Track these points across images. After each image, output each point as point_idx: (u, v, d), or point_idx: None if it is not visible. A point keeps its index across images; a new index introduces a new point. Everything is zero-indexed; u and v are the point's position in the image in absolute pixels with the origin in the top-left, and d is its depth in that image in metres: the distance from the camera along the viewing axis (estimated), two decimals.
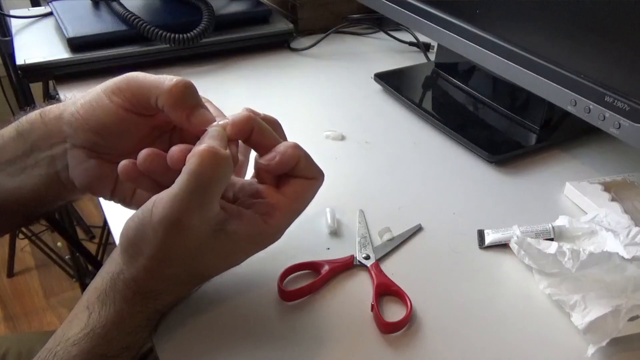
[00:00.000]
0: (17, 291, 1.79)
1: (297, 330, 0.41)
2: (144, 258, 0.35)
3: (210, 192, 0.34)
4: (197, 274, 0.39)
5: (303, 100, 0.74)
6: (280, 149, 0.39)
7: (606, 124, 0.48)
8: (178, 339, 0.40)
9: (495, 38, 0.58)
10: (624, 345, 0.40)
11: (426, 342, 0.40)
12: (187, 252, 0.35)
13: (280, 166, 0.39)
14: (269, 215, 0.38)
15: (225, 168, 0.35)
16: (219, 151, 0.34)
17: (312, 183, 0.40)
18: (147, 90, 0.39)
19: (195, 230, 0.34)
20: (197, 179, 0.33)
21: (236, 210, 0.38)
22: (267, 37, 0.86)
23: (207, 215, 0.35)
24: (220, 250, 0.37)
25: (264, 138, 0.39)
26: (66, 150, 0.41)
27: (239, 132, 0.38)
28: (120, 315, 0.36)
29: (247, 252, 0.40)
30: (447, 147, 0.64)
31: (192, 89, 0.39)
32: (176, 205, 0.33)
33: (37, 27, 0.87)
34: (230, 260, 0.39)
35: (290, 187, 0.39)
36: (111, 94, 0.39)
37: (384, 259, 0.48)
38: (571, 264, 0.41)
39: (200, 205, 0.34)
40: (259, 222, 0.38)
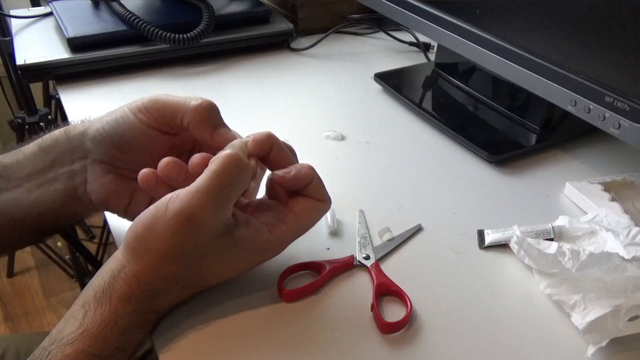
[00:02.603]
0: (17, 291, 1.79)
1: (297, 330, 0.41)
2: (149, 253, 0.36)
3: (228, 195, 0.36)
4: (197, 277, 0.39)
5: (303, 100, 0.74)
6: (297, 167, 0.41)
7: (606, 124, 0.48)
8: (178, 339, 0.40)
9: (495, 38, 0.58)
10: (624, 345, 0.40)
11: (426, 342, 0.40)
12: (193, 250, 0.36)
13: (294, 181, 0.40)
14: (275, 227, 0.40)
15: (245, 174, 0.37)
16: (242, 157, 0.37)
17: (320, 205, 0.42)
18: (173, 109, 0.41)
19: (207, 228, 0.36)
20: (219, 179, 0.35)
21: (245, 217, 0.39)
22: (267, 37, 0.87)
23: (220, 216, 0.36)
24: (224, 254, 0.38)
25: (281, 157, 0.41)
26: (86, 166, 0.43)
27: (259, 147, 0.40)
28: (116, 315, 0.36)
29: (248, 261, 0.40)
30: (447, 147, 0.64)
31: (215, 109, 0.42)
32: (194, 200, 0.35)
33: (37, 27, 0.87)
34: (231, 267, 0.40)
35: (299, 205, 0.41)
36: (137, 112, 0.42)
37: (384, 259, 0.48)
38: (571, 264, 0.41)
39: (216, 204, 0.35)
40: (264, 232, 0.39)
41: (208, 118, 0.41)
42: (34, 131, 1.46)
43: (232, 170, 0.36)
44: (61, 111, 0.83)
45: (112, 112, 0.43)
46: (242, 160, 0.37)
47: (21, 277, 1.84)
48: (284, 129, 0.66)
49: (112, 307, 0.36)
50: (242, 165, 0.37)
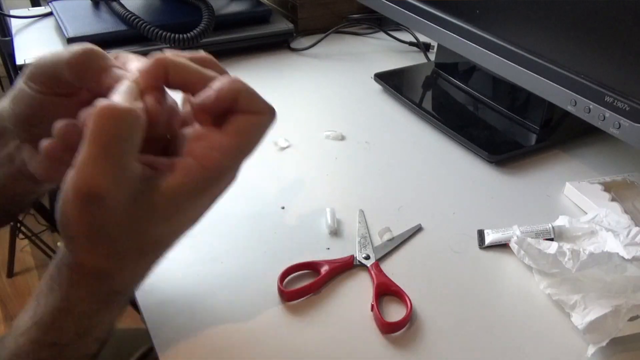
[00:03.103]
0: (17, 291, 1.79)
1: (297, 330, 0.41)
2: (75, 238, 0.32)
3: (118, 152, 0.30)
4: (143, 244, 0.35)
5: (303, 100, 0.74)
6: (216, 85, 0.34)
7: (606, 124, 0.48)
8: (178, 339, 0.40)
9: (495, 38, 0.58)
10: (624, 345, 0.40)
11: (426, 342, 0.40)
12: (117, 223, 0.32)
13: (217, 103, 0.34)
14: (208, 158, 0.33)
15: (129, 123, 0.31)
16: (116, 106, 0.30)
17: (258, 118, 0.35)
18: (53, 69, 0.36)
19: (115, 198, 0.30)
20: (98, 141, 0.30)
21: (167, 162, 0.33)
22: (267, 37, 0.86)
23: (123, 178, 0.31)
24: (157, 211, 0.33)
25: (187, 77, 0.34)
26: (18, 147, 0.40)
27: (149, 78, 0.34)
28: (68, 301, 0.34)
29: (194, 205, 0.35)
30: (447, 147, 0.64)
31: (93, 53, 0.35)
32: (82, 175, 0.30)
33: (37, 27, 0.87)
34: (178, 220, 0.35)
35: (232, 125, 0.34)
36: (28, 81, 0.37)
37: (384, 259, 0.48)
38: (571, 264, 0.41)
39: (109, 169, 0.30)
40: (195, 169, 0.33)
41: (87, 67, 0.35)
42: None
43: (108, 125, 0.30)
44: None
45: (12, 88, 0.39)
46: (115, 109, 0.30)
47: (21, 277, 1.84)
48: (284, 129, 0.66)
49: (63, 294, 0.34)
50: (117, 114, 0.30)
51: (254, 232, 0.50)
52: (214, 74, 0.35)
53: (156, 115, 0.34)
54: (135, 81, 0.34)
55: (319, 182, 0.58)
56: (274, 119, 0.36)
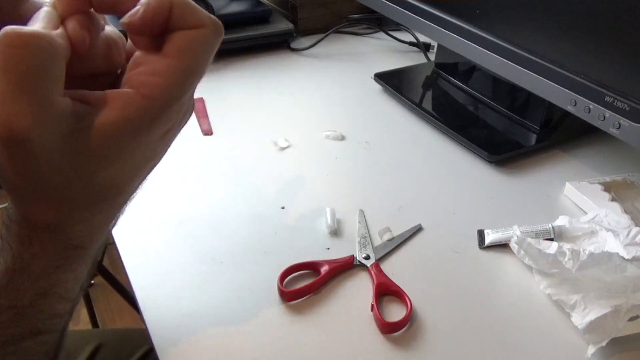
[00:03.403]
0: None
1: (297, 330, 0.41)
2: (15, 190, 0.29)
3: (35, 86, 0.26)
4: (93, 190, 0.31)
5: (303, 100, 0.74)
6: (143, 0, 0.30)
7: (606, 124, 0.48)
8: (178, 339, 0.40)
9: (495, 38, 0.58)
10: (624, 345, 0.40)
11: (426, 342, 0.40)
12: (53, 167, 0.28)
13: (146, 21, 0.29)
14: (150, 86, 0.29)
15: (42, 50, 0.26)
16: (23, 32, 0.26)
17: (200, 32, 0.30)
18: None
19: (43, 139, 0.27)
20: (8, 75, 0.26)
21: (101, 95, 0.29)
22: (267, 37, 0.86)
23: (47, 115, 0.27)
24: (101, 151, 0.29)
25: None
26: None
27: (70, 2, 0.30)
28: (21, 260, 0.31)
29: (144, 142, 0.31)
30: (447, 147, 0.64)
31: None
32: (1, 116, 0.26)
33: None
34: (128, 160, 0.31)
35: (170, 44, 0.30)
36: None
37: (384, 259, 0.48)
38: (571, 264, 0.41)
39: (27, 106, 0.26)
40: (134, 100, 0.29)
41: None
42: None
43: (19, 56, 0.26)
44: None
45: None
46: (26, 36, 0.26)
47: None
48: (284, 129, 0.66)
49: (15, 252, 0.31)
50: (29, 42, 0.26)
51: (254, 232, 0.50)
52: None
53: (82, 42, 0.29)
54: (53, 5, 0.30)
55: (319, 182, 0.58)
56: (219, 32, 0.31)
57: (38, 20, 0.29)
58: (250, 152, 0.62)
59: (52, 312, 0.34)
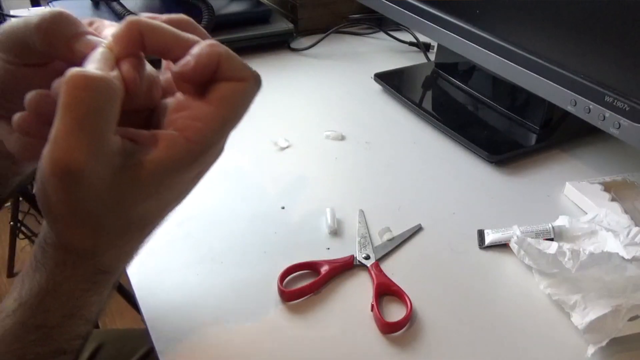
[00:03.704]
0: None
1: (297, 330, 0.41)
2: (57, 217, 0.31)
3: (94, 125, 0.28)
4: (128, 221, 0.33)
5: (303, 100, 0.74)
6: (195, 51, 0.32)
7: (606, 124, 0.48)
8: (178, 339, 0.40)
9: (495, 38, 0.58)
10: (624, 345, 0.40)
11: (426, 342, 0.40)
12: (98, 200, 0.30)
13: (198, 70, 0.32)
14: (192, 129, 0.32)
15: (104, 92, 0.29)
16: (89, 74, 0.28)
17: (242, 85, 0.33)
18: (21, 36, 0.33)
19: (94, 173, 0.29)
20: (71, 112, 0.28)
21: (148, 135, 0.31)
22: (267, 37, 0.86)
23: (101, 152, 0.29)
24: (141, 187, 0.31)
25: (163, 41, 0.32)
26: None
27: (124, 44, 0.32)
28: (54, 281, 0.33)
29: (180, 181, 0.33)
30: (447, 147, 0.64)
31: (63, 18, 0.33)
32: (58, 152, 0.28)
33: None
34: (164, 196, 0.33)
35: (214, 93, 0.32)
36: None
37: (384, 259, 0.48)
38: (571, 264, 0.41)
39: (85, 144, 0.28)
40: (177, 142, 0.31)
41: (57, 33, 0.33)
42: None
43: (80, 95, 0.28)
44: None
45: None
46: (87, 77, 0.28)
47: None
48: (284, 129, 0.66)
49: (49, 274, 0.33)
50: (92, 84, 0.28)
51: (254, 232, 0.50)
52: (192, 37, 0.33)
53: (134, 84, 0.32)
54: (109, 47, 0.32)
55: (319, 182, 0.58)
56: (259, 85, 0.35)
57: (96, 61, 0.31)
58: (250, 152, 0.62)
59: (76, 333, 0.36)
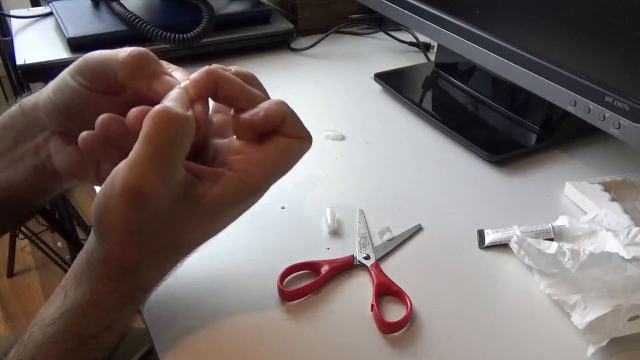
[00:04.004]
0: (17, 291, 1.79)
1: (297, 330, 0.41)
2: (113, 233, 0.34)
3: (169, 155, 0.32)
4: (174, 245, 0.36)
5: (303, 100, 0.74)
6: (265, 105, 0.36)
7: (606, 124, 0.48)
8: (178, 339, 0.40)
9: (495, 38, 0.58)
10: (624, 345, 0.40)
11: (426, 342, 0.40)
12: (156, 222, 0.33)
13: (265, 122, 0.36)
14: (247, 172, 0.35)
15: (182, 128, 0.33)
16: (174, 111, 0.32)
17: (298, 143, 0.37)
18: (105, 67, 0.38)
19: (160, 198, 0.32)
20: (153, 143, 0.31)
21: (208, 171, 0.35)
22: (267, 37, 0.86)
23: (170, 181, 0.32)
24: (193, 217, 0.35)
25: (233, 91, 0.36)
26: (47, 139, 0.41)
27: (200, 89, 0.35)
28: (97, 294, 0.35)
29: (225, 216, 0.37)
30: (447, 147, 0.64)
31: (147, 56, 0.37)
32: (134, 173, 0.31)
33: (37, 27, 0.87)
34: (208, 227, 0.37)
35: (273, 144, 0.36)
36: (75, 75, 0.39)
37: (384, 259, 0.48)
38: (571, 264, 0.41)
39: (159, 170, 0.32)
40: (234, 182, 0.35)
41: (140, 69, 0.37)
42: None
43: (164, 129, 0.32)
44: None
45: (55, 79, 0.40)
46: (173, 115, 0.32)
47: (21, 277, 1.84)
48: None
49: (92, 287, 0.35)
50: (174, 120, 0.32)
51: (254, 232, 0.50)
52: (258, 93, 0.38)
53: (203, 123, 0.35)
54: (185, 89, 0.35)
55: (319, 182, 0.58)
56: (310, 145, 0.38)
57: (175, 100, 0.34)
58: None
59: (109, 344, 0.38)
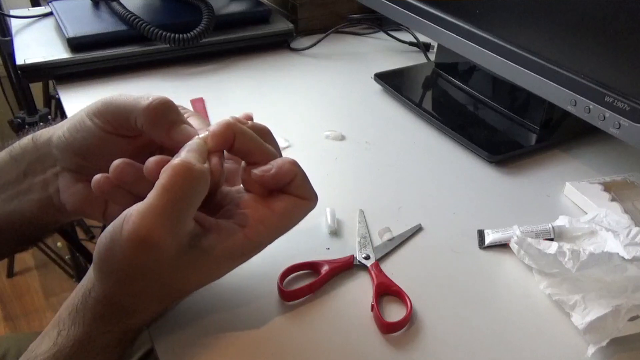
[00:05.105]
0: (17, 291, 1.79)
1: (297, 330, 0.41)
2: (114, 273, 0.34)
3: (183, 208, 0.33)
4: (172, 291, 0.37)
5: (303, 100, 0.74)
6: (278, 163, 0.37)
7: (606, 124, 0.48)
8: (178, 339, 0.40)
9: (495, 38, 0.58)
10: (624, 345, 0.40)
11: (426, 342, 0.40)
12: (158, 269, 0.34)
13: (275, 180, 0.37)
14: (253, 229, 0.37)
15: (199, 183, 0.34)
16: (193, 165, 0.33)
17: (304, 203, 0.39)
18: (125, 111, 0.38)
19: (166, 247, 0.33)
20: (168, 195, 0.32)
21: (214, 223, 0.36)
22: (267, 37, 0.86)
23: (179, 232, 0.33)
24: (195, 266, 0.35)
25: (249, 145, 0.38)
26: (57, 174, 0.42)
27: (219, 142, 0.37)
28: (89, 335, 0.35)
29: (225, 267, 0.38)
30: (447, 147, 0.64)
31: (168, 106, 0.38)
32: (145, 222, 0.32)
33: (37, 27, 0.87)
34: (207, 276, 0.38)
35: (280, 203, 0.38)
36: (93, 116, 0.40)
37: (384, 259, 0.48)
38: (571, 264, 0.41)
39: (170, 222, 0.33)
40: (238, 237, 0.36)
41: (161, 117, 0.38)
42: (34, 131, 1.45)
43: (182, 182, 0.33)
44: (61, 111, 0.83)
45: (72, 117, 0.41)
46: (193, 170, 0.33)
47: (21, 277, 1.84)
48: (284, 129, 0.66)
49: (86, 327, 0.35)
50: (193, 174, 0.33)
51: None
52: (272, 149, 0.39)
53: (219, 176, 0.36)
54: (205, 140, 0.36)
55: (319, 182, 0.57)
56: (315, 205, 0.40)
57: (194, 151, 0.35)
58: None
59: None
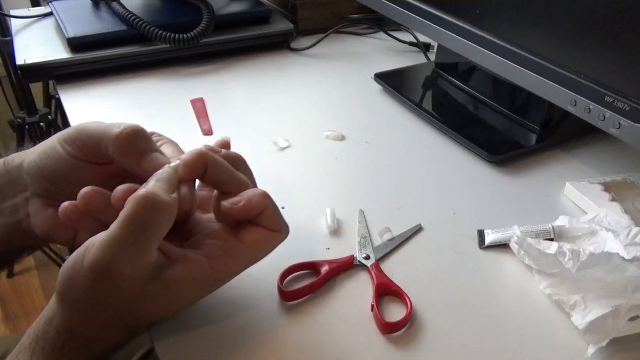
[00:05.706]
0: (17, 291, 1.79)
1: (297, 330, 0.41)
2: (76, 304, 0.34)
3: (145, 239, 0.32)
4: (134, 322, 0.37)
5: (303, 100, 0.74)
6: (248, 195, 0.37)
7: (606, 124, 0.48)
8: (178, 339, 0.40)
9: (495, 38, 0.58)
10: (624, 345, 0.40)
11: (426, 342, 0.40)
12: (119, 300, 0.33)
13: (244, 212, 0.37)
14: (219, 261, 0.36)
15: (164, 215, 0.33)
16: (157, 197, 0.33)
17: (275, 235, 0.38)
18: (96, 139, 0.38)
19: (127, 278, 0.32)
20: (131, 226, 0.32)
21: (180, 254, 0.36)
22: (267, 37, 0.86)
23: (141, 263, 0.33)
24: (157, 297, 0.35)
25: (220, 175, 0.37)
26: (27, 199, 0.41)
27: (190, 171, 0.36)
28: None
29: (189, 298, 0.37)
30: (447, 147, 0.64)
31: (140, 134, 0.38)
32: (106, 253, 0.32)
33: (37, 27, 0.87)
34: (170, 307, 0.37)
35: (249, 235, 0.37)
36: (64, 143, 0.39)
37: (384, 259, 0.48)
38: (571, 264, 0.41)
39: (133, 253, 0.32)
40: (203, 268, 0.35)
41: (132, 146, 0.37)
42: (34, 131, 1.46)
43: (144, 214, 0.32)
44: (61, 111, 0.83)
45: (44, 142, 0.41)
46: (157, 201, 0.32)
47: (21, 277, 1.84)
48: (284, 129, 0.66)
49: (45, 357, 0.35)
50: (157, 206, 0.32)
51: None
52: (244, 178, 0.38)
53: (188, 205, 0.36)
54: (175, 169, 0.36)
55: (319, 182, 0.58)
56: (286, 237, 0.39)
57: (163, 181, 0.35)
58: (250, 152, 0.62)
59: None
